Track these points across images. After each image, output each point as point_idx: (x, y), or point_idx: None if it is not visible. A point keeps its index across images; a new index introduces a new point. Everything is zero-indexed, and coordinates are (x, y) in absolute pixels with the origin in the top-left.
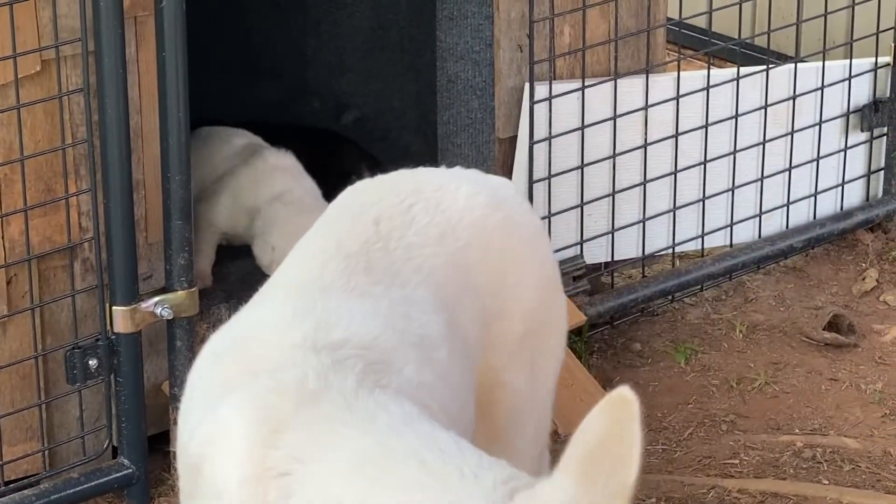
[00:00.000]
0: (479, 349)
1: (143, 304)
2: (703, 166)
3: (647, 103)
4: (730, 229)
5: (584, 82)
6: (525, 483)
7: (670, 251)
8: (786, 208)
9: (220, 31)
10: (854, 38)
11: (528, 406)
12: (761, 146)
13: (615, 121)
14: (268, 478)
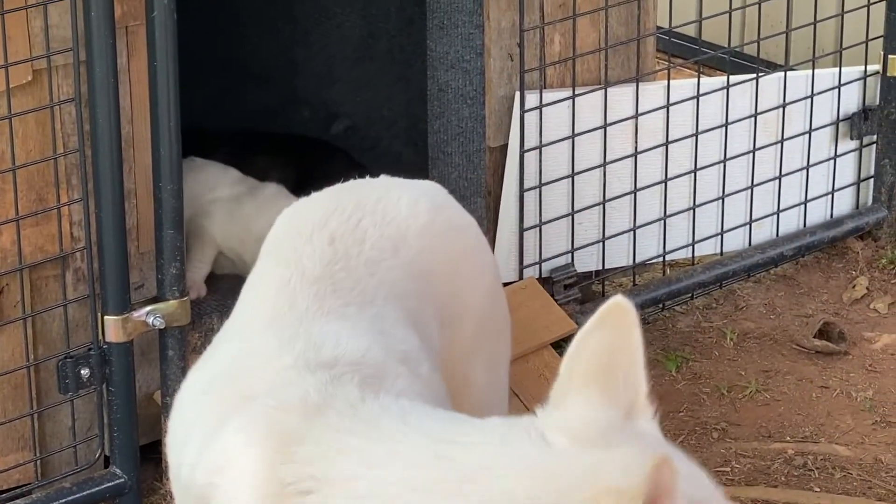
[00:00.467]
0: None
1: (135, 314)
2: (693, 175)
3: (638, 112)
4: (720, 237)
5: (574, 91)
6: (546, 416)
7: (661, 260)
8: (776, 216)
9: (209, 41)
10: (843, 47)
11: (491, 399)
12: (751, 154)
13: (605, 129)
14: (287, 494)
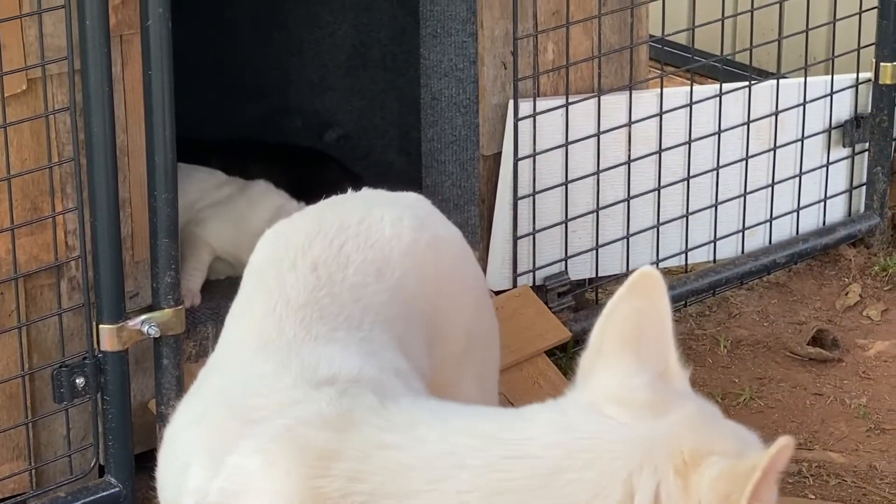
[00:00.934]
0: (430, 373)
1: (130, 322)
2: (686, 182)
3: (631, 119)
4: (713, 245)
5: (567, 99)
6: (585, 389)
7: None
8: (768, 224)
9: (201, 50)
10: (835, 55)
11: None
12: (744, 162)
13: (599, 137)
14: None
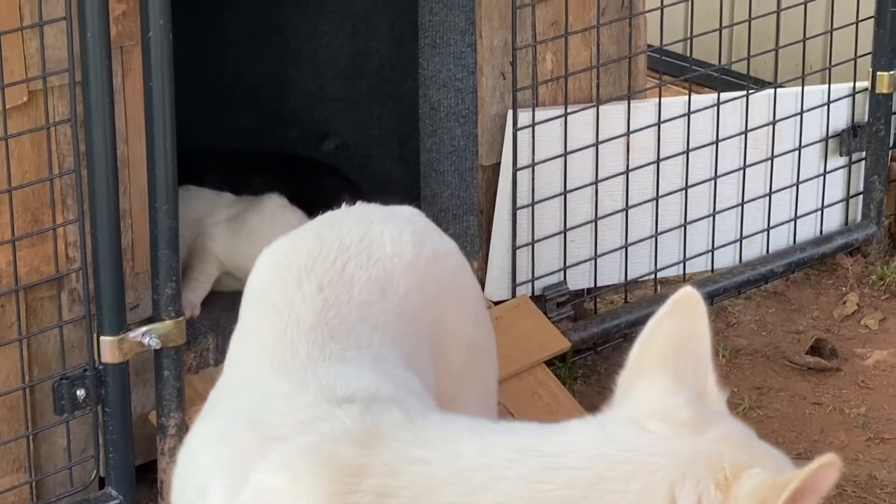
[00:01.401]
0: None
1: (131, 334)
2: (684, 192)
3: (629, 129)
4: (711, 254)
5: (566, 109)
6: (625, 406)
7: (652, 277)
8: (766, 233)
9: (199, 59)
10: (832, 64)
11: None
12: (741, 171)
13: (597, 147)
14: None
